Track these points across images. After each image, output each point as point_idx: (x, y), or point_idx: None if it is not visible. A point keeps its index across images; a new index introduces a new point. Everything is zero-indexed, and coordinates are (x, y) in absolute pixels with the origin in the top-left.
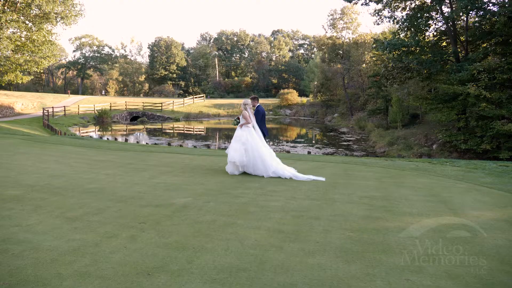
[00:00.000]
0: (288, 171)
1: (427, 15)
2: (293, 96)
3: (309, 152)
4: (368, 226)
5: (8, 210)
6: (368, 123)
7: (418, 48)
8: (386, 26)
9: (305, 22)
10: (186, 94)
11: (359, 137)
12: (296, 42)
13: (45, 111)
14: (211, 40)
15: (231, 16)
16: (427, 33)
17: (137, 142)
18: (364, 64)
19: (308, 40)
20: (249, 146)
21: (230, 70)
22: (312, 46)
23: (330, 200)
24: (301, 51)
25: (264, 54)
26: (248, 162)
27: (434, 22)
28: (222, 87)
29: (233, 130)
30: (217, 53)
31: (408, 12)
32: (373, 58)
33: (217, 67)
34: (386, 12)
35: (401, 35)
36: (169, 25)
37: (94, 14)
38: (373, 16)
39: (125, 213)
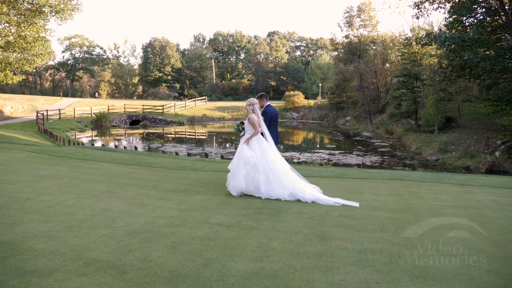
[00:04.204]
0: (310, 193)
1: (481, 6)
2: (300, 99)
3: (383, 166)
4: None
5: None
6: (396, 127)
7: (477, 43)
8: (411, 24)
9: (300, 24)
10: (182, 97)
11: (390, 142)
12: (292, 44)
13: (39, 114)
14: (206, 41)
15: (226, 17)
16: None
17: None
18: (388, 64)
19: (304, 41)
20: (261, 168)
21: (226, 72)
22: (309, 48)
23: None
24: (298, 53)
25: (262, 55)
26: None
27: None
28: (219, 90)
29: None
30: (213, 54)
31: (452, 4)
32: (398, 57)
33: (214, 69)
34: (427, 4)
35: (451, 30)
36: (164, 26)
37: (86, 14)
38: (413, 9)
39: None
